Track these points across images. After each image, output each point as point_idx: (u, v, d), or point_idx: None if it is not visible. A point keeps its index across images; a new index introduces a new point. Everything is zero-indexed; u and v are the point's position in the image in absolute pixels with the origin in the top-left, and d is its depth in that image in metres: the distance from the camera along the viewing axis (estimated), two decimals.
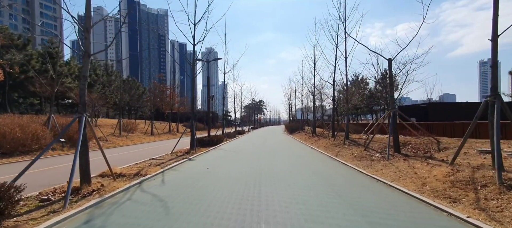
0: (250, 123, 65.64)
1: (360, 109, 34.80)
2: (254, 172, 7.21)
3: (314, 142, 17.03)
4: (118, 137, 20.63)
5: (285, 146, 15.95)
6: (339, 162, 8.83)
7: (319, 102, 24.88)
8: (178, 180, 6.40)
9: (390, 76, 9.10)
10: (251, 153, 12.05)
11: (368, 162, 8.20)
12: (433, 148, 8.59)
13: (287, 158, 10.31)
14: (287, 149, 13.97)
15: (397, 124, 15.94)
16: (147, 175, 6.76)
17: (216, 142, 16.81)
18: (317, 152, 12.17)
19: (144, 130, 27.44)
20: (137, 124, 29.57)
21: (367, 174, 6.68)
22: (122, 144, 18.45)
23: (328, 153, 11.43)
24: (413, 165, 6.90)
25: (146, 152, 13.61)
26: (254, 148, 14.74)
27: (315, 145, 15.49)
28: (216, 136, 17.84)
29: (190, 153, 11.89)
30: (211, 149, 14.30)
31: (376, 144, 10.67)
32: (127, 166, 8.21)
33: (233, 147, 15.69)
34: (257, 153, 12.18)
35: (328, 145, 13.51)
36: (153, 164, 8.59)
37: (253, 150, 13.34)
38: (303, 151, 13.02)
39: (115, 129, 22.13)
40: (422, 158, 7.70)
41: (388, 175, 6.34)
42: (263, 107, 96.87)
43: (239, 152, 12.76)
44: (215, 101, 57.18)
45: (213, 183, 6.02)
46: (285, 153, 11.94)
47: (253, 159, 10.05)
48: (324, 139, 17.31)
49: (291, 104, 48.24)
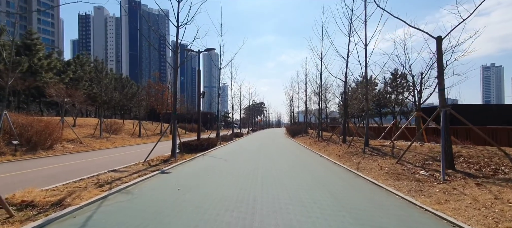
0: (250, 125, 63.09)
1: (369, 112, 32.31)
2: (246, 199, 4.67)
3: (322, 148, 14.44)
4: (98, 139, 18.11)
5: (289, 153, 13.37)
6: (369, 183, 6.25)
7: (323, 103, 22.32)
8: (115, 217, 3.85)
9: (439, 59, 6.55)
10: (246, 163, 9.49)
11: (413, 184, 5.63)
12: (503, 163, 6.00)
13: (294, 172, 7.73)
14: (292, 158, 11.39)
15: (429, 128, 13.37)
16: (71, 206, 4.20)
17: (207, 147, 14.24)
18: (331, 163, 9.59)
19: (132, 131, 24.92)
20: (124, 124, 27.10)
21: (428, 209, 4.10)
22: (99, 147, 15.92)
23: (346, 164, 8.85)
24: (500, 196, 4.33)
25: (117, 159, 11.07)
26: (251, 155, 12.18)
27: (324, 152, 12.90)
28: (208, 140, 15.28)
29: (168, 162, 9.33)
30: (198, 155, 11.74)
31: (410, 154, 8.09)
32: (58, 186, 5.63)
33: (226, 153, 13.12)
34: (254, 162, 9.63)
35: (342, 153, 10.92)
36: (103, 181, 6.03)
37: (250, 158, 10.78)
38: (312, 160, 10.44)
39: (95, 129, 19.62)
40: (501, 181, 5.12)
41: (467, 216, 3.78)
42: (263, 109, 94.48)
43: (232, 160, 10.19)
44: (206, 99, 54.80)
45: (174, 224, 3.48)
46: (290, 164, 9.37)
47: (248, 172, 7.50)
48: (334, 144, 14.73)
49: (293, 106, 45.72)
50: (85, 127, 20.95)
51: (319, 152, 12.93)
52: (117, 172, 7.44)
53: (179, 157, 10.55)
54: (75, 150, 14.24)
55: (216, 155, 12.02)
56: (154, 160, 9.83)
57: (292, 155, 12.15)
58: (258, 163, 9.36)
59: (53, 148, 13.36)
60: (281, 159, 10.73)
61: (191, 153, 12.44)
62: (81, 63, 31.02)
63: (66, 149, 13.96)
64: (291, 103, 45.85)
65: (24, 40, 23.31)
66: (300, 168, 8.44)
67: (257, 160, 10.32)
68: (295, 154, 12.57)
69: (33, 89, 21.85)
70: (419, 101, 10.29)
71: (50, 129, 13.33)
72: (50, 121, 14.11)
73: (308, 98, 29.78)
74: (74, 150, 14.11)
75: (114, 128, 21.95)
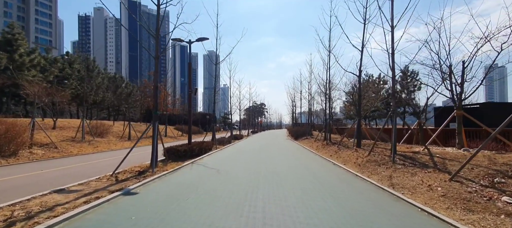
0: (251, 126, 61.05)
1: (377, 112, 30.17)
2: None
3: (334, 153, 12.34)
4: (79, 143, 16.09)
5: (295, 160, 11.28)
6: (423, 213, 4.16)
7: (329, 102, 20.22)
8: None
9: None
10: (243, 176, 7.42)
11: (507, 222, 3.55)
12: None
13: (306, 194, 5.65)
14: (300, 168, 9.30)
15: (448, 130, 11.22)
16: None
17: (199, 152, 12.18)
18: (352, 176, 7.50)
19: (121, 133, 22.90)
20: (114, 126, 25.09)
21: None
22: (76, 153, 13.89)
23: (372, 178, 6.76)
24: None
25: (84, 169, 8.99)
26: (250, 163, 10.11)
27: (338, 159, 10.80)
28: (201, 144, 13.22)
29: (142, 175, 7.26)
30: (186, 164, 9.67)
31: (470, 170, 5.97)
32: None
33: (220, 160, 11.06)
34: (253, 174, 7.56)
35: (363, 162, 8.82)
36: (22, 214, 3.97)
37: (248, 168, 8.71)
38: (328, 171, 8.36)
39: (77, 132, 17.60)
40: None
41: None
42: (264, 110, 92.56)
43: (226, 172, 8.12)
44: (205, 99, 52.74)
45: None
46: (300, 177, 7.29)
47: (244, 192, 5.43)
48: (347, 149, 12.64)
49: (295, 106, 43.64)
50: (68, 129, 18.94)
51: (332, 159, 10.82)
52: (63, 193, 5.38)
53: (159, 168, 8.49)
54: (45, 156, 12.21)
55: (207, 163, 9.94)
56: (127, 171, 7.78)
57: (299, 164, 10.05)
58: (258, 176, 7.29)
59: (17, 155, 11.33)
60: (287, 169, 8.64)
61: (178, 160, 10.38)
62: (70, 61, 29.07)
63: (34, 156, 11.92)
64: (293, 103, 43.79)
65: (5, 35, 21.39)
66: (314, 184, 6.34)
67: (257, 170, 8.25)
68: (303, 162, 10.47)
69: (12, 87, 19.90)
70: (460, 96, 8.19)
71: (13, 132, 11.31)
72: (15, 123, 12.08)
73: (312, 98, 27.71)
74: (43, 157, 12.07)
75: (100, 130, 19.94)
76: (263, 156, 12.33)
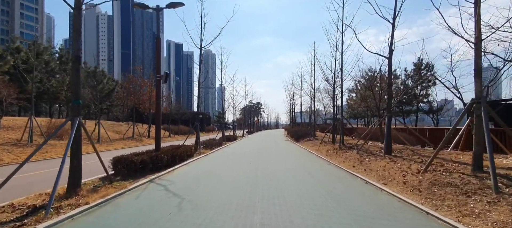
0: (246, 126, 57.54)
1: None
2: None
3: (358, 163, 8.94)
4: (22, 147, 12.44)
5: (309, 175, 7.83)
6: None
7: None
8: None
9: None
10: (226, 212, 3.95)
11: None
12: None
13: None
14: (321, 192, 5.87)
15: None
16: None
17: (170, 162, 8.63)
18: (427, 219, 4.09)
19: (90, 134, 19.18)
20: None
21: None
22: (10, 161, 10.28)
23: None
24: None
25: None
26: (241, 180, 6.65)
27: (369, 174, 7.39)
28: (175, 149, 9.72)
29: (47, 216, 3.76)
30: (140, 183, 6.16)
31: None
32: None
33: (198, 175, 7.57)
34: (245, 208, 4.11)
35: (421, 184, 5.43)
36: None
37: (237, 194, 5.24)
38: (368, 203, 4.95)
39: (23, 134, 13.91)
40: None
41: None
42: (261, 109, 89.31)
43: (196, 205, 4.64)
44: (203, 98, 49.25)
45: None
46: (330, 219, 3.84)
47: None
48: (372, 156, 9.29)
49: (294, 104, 40.27)
50: (15, 129, 15.22)
51: (361, 175, 7.40)
52: None
53: (85, 196, 4.97)
54: None
55: (174, 183, 6.43)
56: (7, 209, 4.26)
57: (316, 183, 6.61)
58: (251, 214, 3.83)
59: None
60: (300, 196, 5.19)
61: (131, 177, 6.87)
62: (39, 50, 25.21)
63: None
64: (292, 101, 40.42)
65: None
66: None
67: (250, 198, 4.81)
68: (320, 179, 7.03)
69: None
70: None
71: None
72: None
73: (316, 90, 24.28)
74: None
75: (59, 132, 16.25)
76: (260, 166, 8.87)
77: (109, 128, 23.80)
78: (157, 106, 9.23)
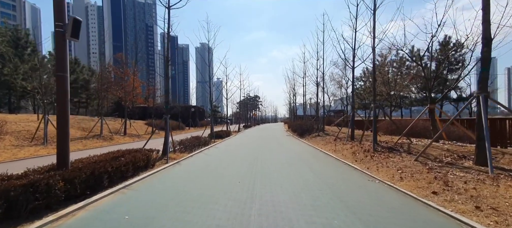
0: (243, 120, 53.42)
1: (406, 99, 23.00)
2: None
3: (442, 184, 4.96)
4: None
5: (339, 208, 3.70)
6: None
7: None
8: None
9: None
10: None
11: None
12: None
13: None
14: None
15: None
16: None
17: (90, 185, 4.60)
18: None
19: (37, 131, 15.00)
20: (30, 121, 17.19)
21: None
22: None
23: None
24: None
25: None
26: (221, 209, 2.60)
27: (489, 217, 3.38)
28: (113, 161, 5.66)
29: None
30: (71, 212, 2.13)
31: None
32: None
33: (163, 194, 3.49)
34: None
35: None
36: None
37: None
38: None
39: None
40: None
41: None
42: (258, 103, 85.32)
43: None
44: (200, 93, 45.54)
45: None
46: None
47: None
48: (447, 166, 5.32)
49: (295, 94, 36.13)
50: None
51: (457, 215, 3.41)
52: None
53: None
54: None
55: (119, 211, 2.40)
56: None
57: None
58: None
59: None
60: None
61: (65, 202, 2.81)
62: None
63: None
64: (293, 92, 36.27)
65: None
66: None
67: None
68: None
69: None
70: None
71: None
72: None
73: (323, 79, 20.26)
74: None
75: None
76: (256, 192, 4.85)
77: (75, 124, 19.63)
78: (59, 81, 5.02)
